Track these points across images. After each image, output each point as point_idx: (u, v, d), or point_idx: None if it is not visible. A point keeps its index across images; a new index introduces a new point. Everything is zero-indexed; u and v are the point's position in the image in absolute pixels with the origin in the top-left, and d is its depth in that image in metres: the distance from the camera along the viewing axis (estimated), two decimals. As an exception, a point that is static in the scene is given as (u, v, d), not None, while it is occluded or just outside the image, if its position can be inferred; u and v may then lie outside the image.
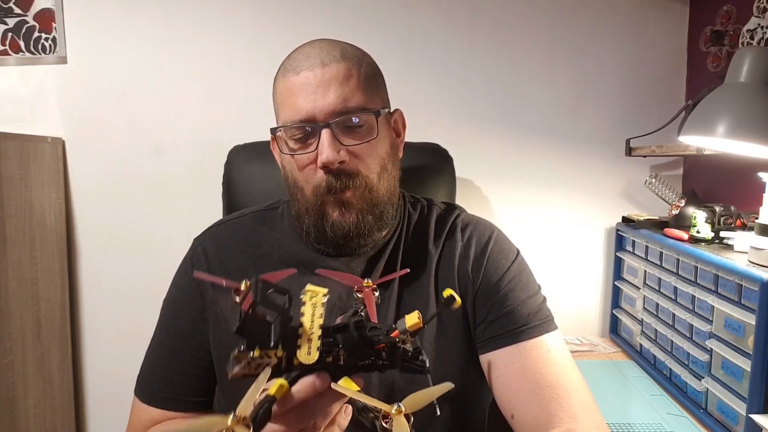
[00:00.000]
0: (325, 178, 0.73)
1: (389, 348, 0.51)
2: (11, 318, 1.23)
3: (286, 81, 0.75)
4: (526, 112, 1.47)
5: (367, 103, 0.74)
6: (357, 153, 0.74)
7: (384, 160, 0.77)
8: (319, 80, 0.72)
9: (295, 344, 0.47)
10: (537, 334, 0.75)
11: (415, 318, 0.52)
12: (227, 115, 1.44)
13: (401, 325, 0.52)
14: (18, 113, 1.43)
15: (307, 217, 0.77)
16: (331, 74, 0.72)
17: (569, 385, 0.71)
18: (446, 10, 1.43)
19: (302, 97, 0.72)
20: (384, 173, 0.77)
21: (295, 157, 0.75)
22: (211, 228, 0.89)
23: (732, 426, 0.93)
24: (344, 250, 0.78)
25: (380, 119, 0.76)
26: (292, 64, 0.75)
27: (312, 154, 0.73)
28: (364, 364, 0.51)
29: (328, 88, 0.72)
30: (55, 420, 1.39)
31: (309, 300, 0.49)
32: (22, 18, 1.40)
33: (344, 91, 0.72)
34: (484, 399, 0.85)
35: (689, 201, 1.20)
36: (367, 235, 0.76)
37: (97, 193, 1.45)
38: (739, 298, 0.91)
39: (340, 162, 0.72)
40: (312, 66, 0.73)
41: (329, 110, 0.72)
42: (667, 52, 1.46)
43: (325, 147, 0.71)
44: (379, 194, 0.76)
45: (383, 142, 0.78)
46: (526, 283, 0.80)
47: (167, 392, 0.80)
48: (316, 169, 0.74)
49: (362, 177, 0.74)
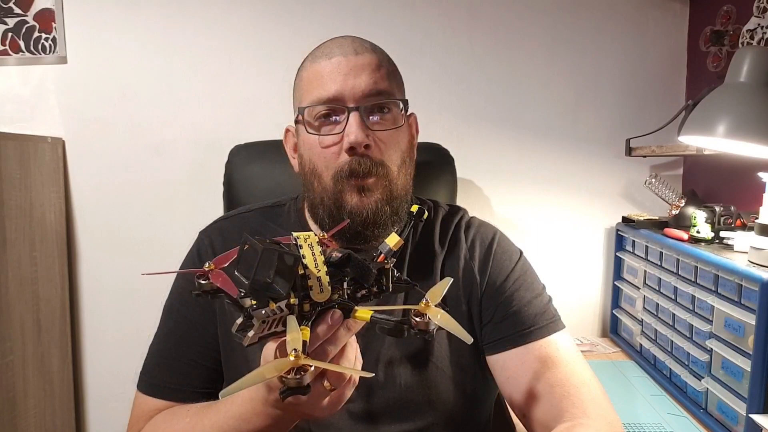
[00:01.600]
0: (348, 161, 0.73)
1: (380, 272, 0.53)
2: (11, 318, 1.23)
3: (317, 65, 0.76)
4: (526, 112, 1.47)
5: (395, 92, 0.77)
6: (383, 140, 0.75)
7: (404, 155, 0.78)
8: (352, 65, 0.74)
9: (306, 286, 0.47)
10: (545, 335, 0.76)
11: (396, 237, 0.55)
12: (227, 115, 1.44)
13: (384, 248, 0.55)
14: (18, 113, 1.42)
15: (321, 207, 0.76)
16: (364, 61, 0.74)
17: (579, 382, 0.71)
18: (446, 10, 1.43)
19: (332, 80, 0.74)
20: (403, 168, 0.78)
21: (319, 139, 0.75)
22: (217, 221, 0.89)
23: (732, 426, 0.93)
24: (353, 245, 0.77)
25: (404, 113, 0.78)
26: (324, 51, 0.77)
27: (337, 137, 0.74)
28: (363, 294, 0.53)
29: (360, 73, 0.73)
30: (55, 420, 1.39)
31: (304, 243, 0.49)
32: (22, 18, 1.39)
33: (375, 77, 0.74)
34: (490, 399, 0.85)
35: (689, 201, 1.20)
36: (383, 226, 0.75)
37: (97, 193, 1.45)
38: (739, 298, 0.91)
39: (365, 146, 0.72)
40: (345, 53, 0.75)
41: (360, 92, 0.73)
42: (667, 52, 1.46)
43: (353, 128, 0.72)
44: (397, 188, 0.76)
45: (405, 136, 0.79)
46: (530, 283, 0.81)
47: (174, 383, 0.79)
48: (339, 153, 0.74)
49: (385, 167, 0.74)
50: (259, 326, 0.45)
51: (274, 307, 0.45)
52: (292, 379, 0.42)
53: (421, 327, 0.49)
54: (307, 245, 0.49)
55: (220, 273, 0.49)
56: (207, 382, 0.81)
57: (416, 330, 0.49)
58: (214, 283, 0.48)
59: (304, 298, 0.47)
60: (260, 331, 0.46)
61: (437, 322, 0.49)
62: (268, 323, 0.46)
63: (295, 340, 0.43)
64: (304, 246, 0.49)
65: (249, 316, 0.46)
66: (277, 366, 0.42)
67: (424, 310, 0.49)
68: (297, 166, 0.82)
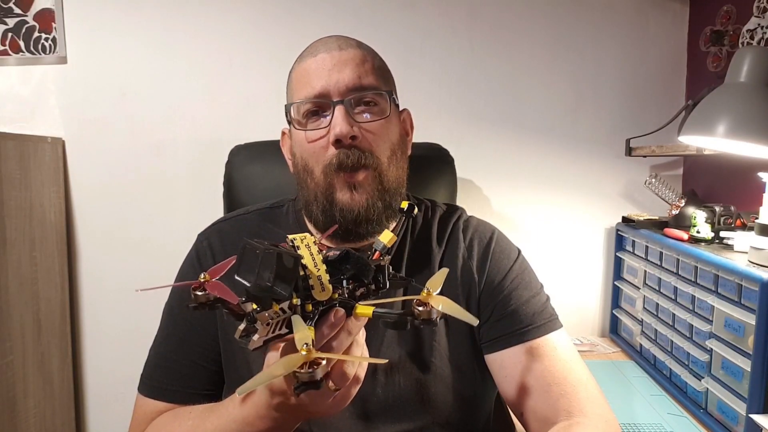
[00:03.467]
0: (336, 154, 0.73)
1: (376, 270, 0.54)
2: (11, 318, 1.23)
3: (303, 63, 0.77)
4: (526, 112, 1.47)
5: (381, 85, 0.77)
6: (370, 130, 0.75)
7: (394, 146, 0.78)
8: (336, 60, 0.75)
9: (307, 287, 0.47)
10: (543, 333, 0.76)
11: (389, 234, 0.57)
12: (227, 115, 1.44)
13: (378, 245, 0.56)
14: (18, 113, 1.42)
15: (315, 204, 0.77)
16: (348, 56, 0.75)
17: (577, 381, 0.72)
18: (446, 10, 1.43)
19: (317, 76, 0.74)
20: (394, 159, 0.77)
21: (307, 134, 0.76)
22: (216, 223, 0.89)
23: (732, 426, 0.93)
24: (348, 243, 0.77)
25: (392, 106, 0.77)
26: (310, 50, 0.78)
27: (324, 130, 0.74)
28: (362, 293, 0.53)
29: (344, 67, 0.74)
30: (55, 420, 1.39)
31: (301, 244, 0.49)
32: (22, 18, 1.40)
33: (359, 71, 0.75)
34: (489, 398, 0.85)
35: (689, 201, 1.20)
36: (376, 222, 0.75)
37: (97, 193, 1.45)
38: (739, 298, 0.91)
39: (352, 137, 0.72)
40: (329, 49, 0.76)
41: (344, 86, 0.73)
42: (667, 52, 1.46)
43: (338, 120, 0.72)
44: (389, 181, 0.76)
45: (394, 128, 0.79)
46: (528, 282, 0.81)
47: (176, 385, 0.79)
48: (327, 146, 0.74)
49: (374, 157, 0.74)
50: (264, 329, 0.45)
51: (278, 309, 0.45)
52: (305, 373, 0.42)
53: (424, 316, 0.49)
54: (304, 246, 0.49)
55: (216, 283, 0.49)
56: (208, 384, 0.81)
57: (419, 320, 0.49)
58: (210, 295, 0.48)
59: (305, 298, 0.47)
60: (265, 333, 0.46)
61: (441, 309, 0.49)
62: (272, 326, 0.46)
63: (305, 336, 0.43)
64: (302, 247, 0.49)
65: (252, 320, 0.46)
66: (290, 362, 0.42)
67: (425, 299, 0.49)
68: (292, 167, 0.82)
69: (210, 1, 1.41)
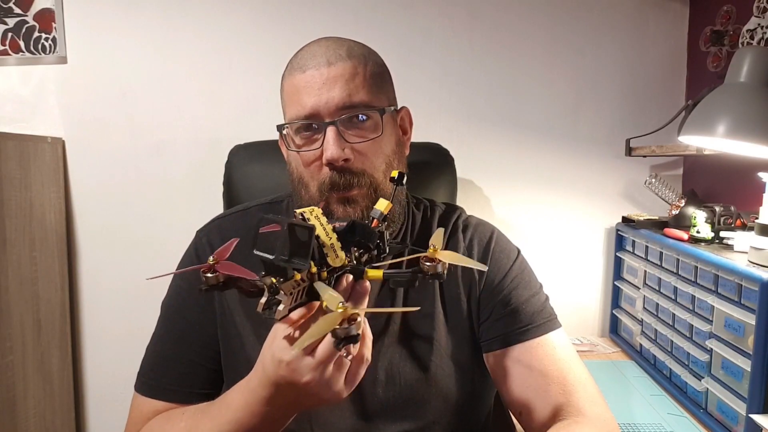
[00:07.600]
0: (329, 175, 0.73)
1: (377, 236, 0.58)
2: (11, 318, 1.23)
3: (293, 78, 0.76)
4: (526, 112, 1.47)
5: (372, 100, 0.75)
6: (362, 151, 0.74)
7: (389, 158, 0.77)
8: (325, 78, 0.73)
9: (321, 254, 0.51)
10: (542, 333, 0.76)
11: (385, 202, 0.61)
12: (227, 115, 1.44)
13: (375, 213, 0.60)
14: (18, 113, 1.42)
15: None
16: (337, 72, 0.73)
17: (575, 381, 0.72)
18: (446, 10, 1.43)
19: (307, 94, 0.73)
20: (389, 170, 0.77)
21: (301, 154, 0.76)
22: (215, 220, 0.89)
23: (732, 426, 0.93)
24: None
25: (385, 117, 0.76)
26: (299, 62, 0.76)
27: (317, 151, 0.74)
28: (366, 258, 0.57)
29: (333, 86, 0.72)
30: (55, 420, 1.39)
31: (311, 216, 0.53)
32: (22, 18, 1.40)
33: (349, 88, 0.73)
34: (488, 397, 0.85)
35: (689, 201, 1.20)
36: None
37: (97, 193, 1.45)
38: (739, 298, 0.91)
39: (344, 160, 0.72)
40: (318, 65, 0.73)
41: (334, 106, 0.72)
42: (667, 52, 1.46)
43: (330, 144, 0.71)
44: (384, 192, 0.75)
45: (389, 141, 0.78)
46: (528, 282, 0.81)
47: (173, 384, 0.79)
48: (321, 166, 0.74)
49: (367, 176, 0.74)
50: (288, 299, 0.48)
51: (299, 278, 0.48)
52: (343, 329, 0.44)
53: (432, 271, 0.53)
54: (314, 217, 0.52)
55: (228, 263, 0.50)
56: (206, 383, 0.80)
57: (429, 275, 0.53)
58: (221, 276, 0.50)
59: (321, 266, 0.51)
60: (289, 303, 0.48)
61: (449, 260, 0.53)
62: (295, 295, 0.49)
63: (335, 296, 0.46)
64: (312, 218, 0.52)
65: (275, 291, 0.48)
66: (330, 319, 0.44)
67: (432, 255, 0.53)
68: (288, 173, 0.82)
69: (210, 1, 1.41)
